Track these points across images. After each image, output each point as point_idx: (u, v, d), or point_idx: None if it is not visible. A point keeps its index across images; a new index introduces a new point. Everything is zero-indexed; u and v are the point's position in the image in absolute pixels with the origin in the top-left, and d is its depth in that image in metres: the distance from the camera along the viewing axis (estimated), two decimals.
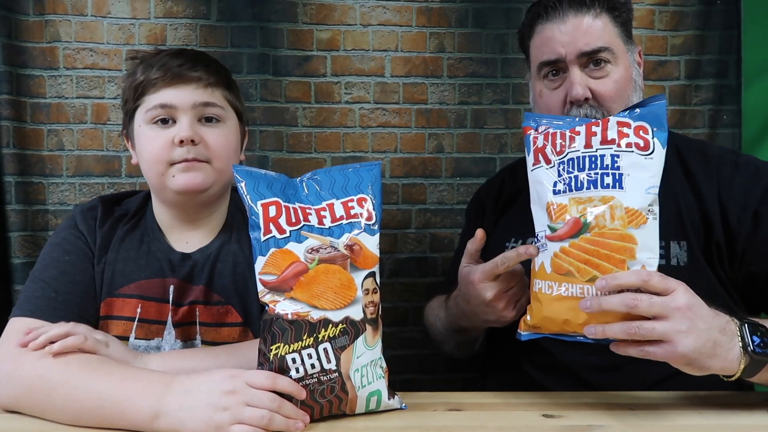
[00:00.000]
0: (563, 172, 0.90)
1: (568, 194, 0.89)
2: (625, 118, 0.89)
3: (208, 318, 1.05)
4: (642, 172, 0.86)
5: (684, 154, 1.10)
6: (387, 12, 1.66)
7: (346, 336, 0.84)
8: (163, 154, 1.00)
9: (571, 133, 0.91)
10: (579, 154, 0.89)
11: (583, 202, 0.88)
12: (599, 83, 1.06)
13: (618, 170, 0.86)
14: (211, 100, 1.03)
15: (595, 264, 0.85)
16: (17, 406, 0.87)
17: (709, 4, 1.69)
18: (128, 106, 1.05)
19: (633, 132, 0.87)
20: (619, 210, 0.85)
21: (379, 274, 0.89)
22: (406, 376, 1.67)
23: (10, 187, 1.54)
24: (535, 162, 0.94)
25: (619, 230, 0.84)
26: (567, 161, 0.90)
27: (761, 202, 1.01)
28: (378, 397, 0.87)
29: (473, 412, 0.91)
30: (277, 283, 0.83)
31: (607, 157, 0.87)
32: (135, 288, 1.05)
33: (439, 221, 1.69)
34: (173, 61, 1.02)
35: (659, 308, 0.78)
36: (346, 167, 0.93)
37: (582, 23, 1.06)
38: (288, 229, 0.86)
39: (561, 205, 0.89)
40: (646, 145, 0.86)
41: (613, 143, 0.87)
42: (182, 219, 1.09)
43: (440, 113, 1.68)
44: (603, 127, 0.89)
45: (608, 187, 0.86)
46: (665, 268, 1.04)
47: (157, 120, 1.01)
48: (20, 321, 0.96)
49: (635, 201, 0.85)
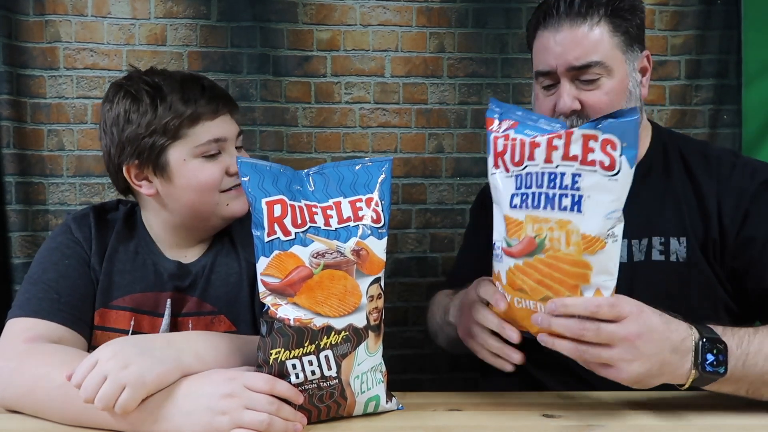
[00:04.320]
0: (521, 186, 0.86)
1: (524, 210, 0.85)
2: (593, 130, 0.81)
3: (200, 328, 1.05)
4: (604, 194, 0.80)
5: (686, 154, 1.11)
6: (387, 12, 1.66)
7: (348, 343, 0.82)
8: (217, 184, 1.03)
9: (531, 145, 0.85)
10: (538, 169, 0.84)
11: (539, 221, 0.84)
12: (590, 94, 1.04)
13: (578, 191, 0.81)
14: (238, 128, 1.08)
15: (547, 285, 0.84)
16: (18, 406, 0.87)
17: (709, 4, 1.69)
18: (157, 139, 1.00)
19: (599, 146, 0.80)
20: (575, 236, 0.81)
21: (384, 279, 0.87)
22: (406, 376, 1.67)
23: (10, 187, 1.54)
24: (495, 165, 0.90)
25: (574, 256, 0.81)
26: (525, 175, 0.86)
27: (752, 201, 1.03)
28: (376, 402, 0.87)
29: (473, 412, 0.91)
30: (280, 287, 0.82)
31: (568, 176, 0.82)
32: (129, 301, 1.05)
33: (439, 221, 1.69)
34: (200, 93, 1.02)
35: (606, 338, 0.80)
36: (354, 163, 0.90)
37: (576, 35, 1.02)
38: (293, 231, 0.84)
39: (517, 222, 0.86)
40: (612, 164, 0.80)
41: (576, 159, 0.81)
42: (191, 238, 1.10)
43: (440, 113, 1.68)
44: (566, 141, 0.82)
45: (566, 209, 0.82)
46: (665, 263, 1.05)
47: (209, 153, 1.02)
48: (22, 321, 0.95)
49: (593, 227, 0.80)
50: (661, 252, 1.05)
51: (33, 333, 0.93)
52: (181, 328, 1.05)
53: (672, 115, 1.70)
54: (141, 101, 1.00)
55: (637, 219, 1.08)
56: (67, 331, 0.97)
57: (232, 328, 1.06)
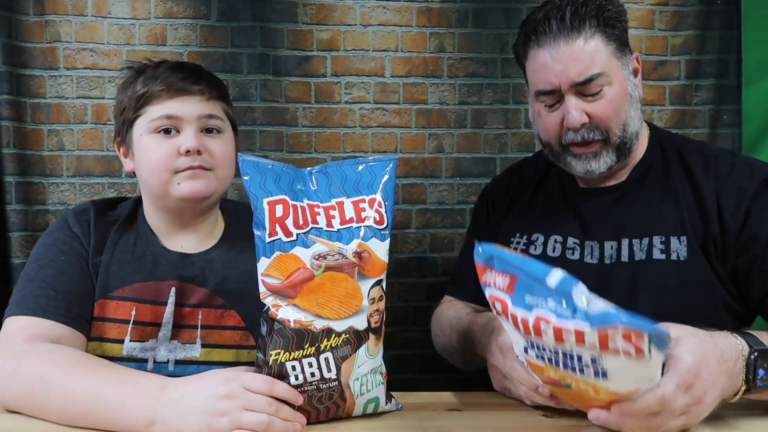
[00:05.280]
0: (533, 346, 0.78)
1: (543, 362, 0.78)
2: (611, 327, 0.68)
3: (210, 321, 1.05)
4: (634, 370, 0.72)
5: (685, 154, 1.12)
6: (387, 12, 1.66)
7: (349, 346, 0.82)
8: (167, 163, 1.02)
9: (534, 327, 0.73)
10: (550, 345, 0.74)
11: (561, 374, 0.77)
12: (595, 105, 1.05)
13: (602, 368, 0.72)
14: (213, 112, 1.06)
15: (580, 400, 0.81)
16: (17, 406, 0.87)
17: (709, 4, 1.69)
18: (127, 115, 1.06)
19: (621, 337, 0.68)
20: (603, 393, 0.75)
21: (385, 280, 0.87)
22: (406, 376, 1.67)
23: (10, 187, 1.54)
24: (498, 314, 0.81)
25: (603, 397, 0.76)
26: (535, 344, 0.77)
27: (753, 199, 1.03)
28: (376, 404, 0.87)
29: (473, 412, 0.91)
30: (281, 288, 0.82)
31: (586, 357, 0.72)
32: (129, 291, 1.04)
33: (439, 221, 1.69)
34: (176, 75, 1.04)
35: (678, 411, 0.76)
36: (357, 162, 0.90)
37: (573, 50, 1.02)
38: (295, 232, 0.83)
39: (536, 366, 0.81)
40: (639, 352, 0.69)
41: (593, 348, 0.70)
42: (177, 224, 1.10)
43: (440, 113, 1.68)
44: (576, 338, 0.70)
45: (589, 376, 0.74)
46: (666, 262, 1.05)
47: (161, 130, 1.03)
48: (20, 320, 0.95)
49: (624, 387, 0.74)
50: (662, 251, 1.06)
51: (31, 332, 0.93)
52: (189, 318, 1.04)
53: (672, 115, 1.70)
54: (126, 83, 1.07)
55: (637, 219, 1.09)
56: (66, 329, 0.97)
57: (241, 324, 1.06)
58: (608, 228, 1.11)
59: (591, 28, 1.03)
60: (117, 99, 1.10)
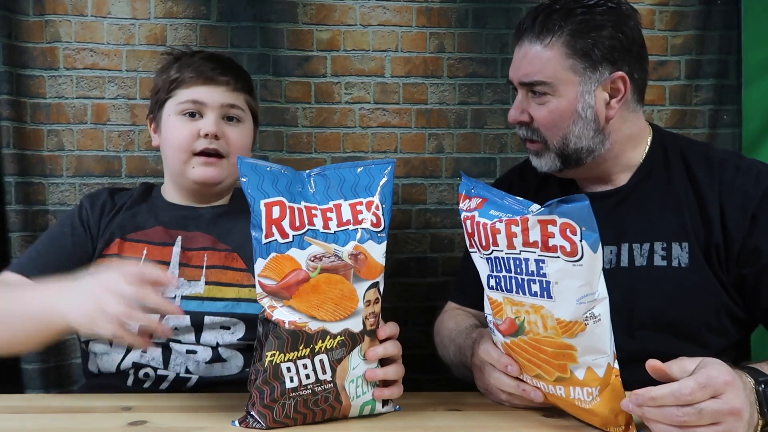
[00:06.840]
0: (493, 269, 0.85)
1: (500, 292, 0.85)
2: (549, 215, 0.78)
3: (215, 261, 1.15)
4: (572, 280, 0.78)
5: (689, 158, 1.11)
6: (387, 12, 1.66)
7: (344, 348, 0.83)
8: (187, 143, 1.15)
9: (492, 230, 0.83)
10: (503, 255, 0.83)
11: (515, 304, 0.83)
12: (536, 109, 1.08)
13: (545, 277, 0.79)
14: (236, 102, 1.19)
15: (536, 364, 0.83)
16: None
17: (709, 4, 1.69)
18: (160, 95, 1.19)
19: (559, 232, 0.78)
20: (550, 320, 0.80)
21: (382, 282, 0.87)
22: (406, 376, 1.67)
23: (10, 187, 1.54)
24: (470, 245, 0.90)
25: (554, 339, 0.80)
26: (494, 258, 0.85)
27: (759, 206, 1.02)
28: (372, 406, 0.87)
29: (473, 412, 0.91)
30: (277, 289, 0.82)
31: (532, 262, 0.80)
32: (141, 235, 1.16)
33: (439, 221, 1.69)
34: (207, 64, 1.18)
35: (710, 418, 0.74)
36: (356, 165, 0.90)
37: (529, 53, 1.06)
38: (291, 233, 0.84)
39: (497, 302, 0.86)
40: (574, 250, 0.78)
41: (536, 246, 0.79)
42: (193, 199, 1.23)
43: (440, 113, 1.68)
44: (523, 227, 0.80)
45: (536, 295, 0.80)
46: (667, 269, 1.04)
47: (187, 113, 1.16)
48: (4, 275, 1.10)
49: (567, 312, 0.79)
50: (664, 257, 1.05)
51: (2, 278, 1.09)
52: (194, 260, 1.15)
53: (672, 116, 1.70)
54: (164, 67, 1.23)
55: (638, 223, 1.08)
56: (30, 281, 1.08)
57: (243, 266, 1.15)
58: (608, 232, 1.10)
59: (554, 37, 1.04)
60: (154, 80, 1.25)
